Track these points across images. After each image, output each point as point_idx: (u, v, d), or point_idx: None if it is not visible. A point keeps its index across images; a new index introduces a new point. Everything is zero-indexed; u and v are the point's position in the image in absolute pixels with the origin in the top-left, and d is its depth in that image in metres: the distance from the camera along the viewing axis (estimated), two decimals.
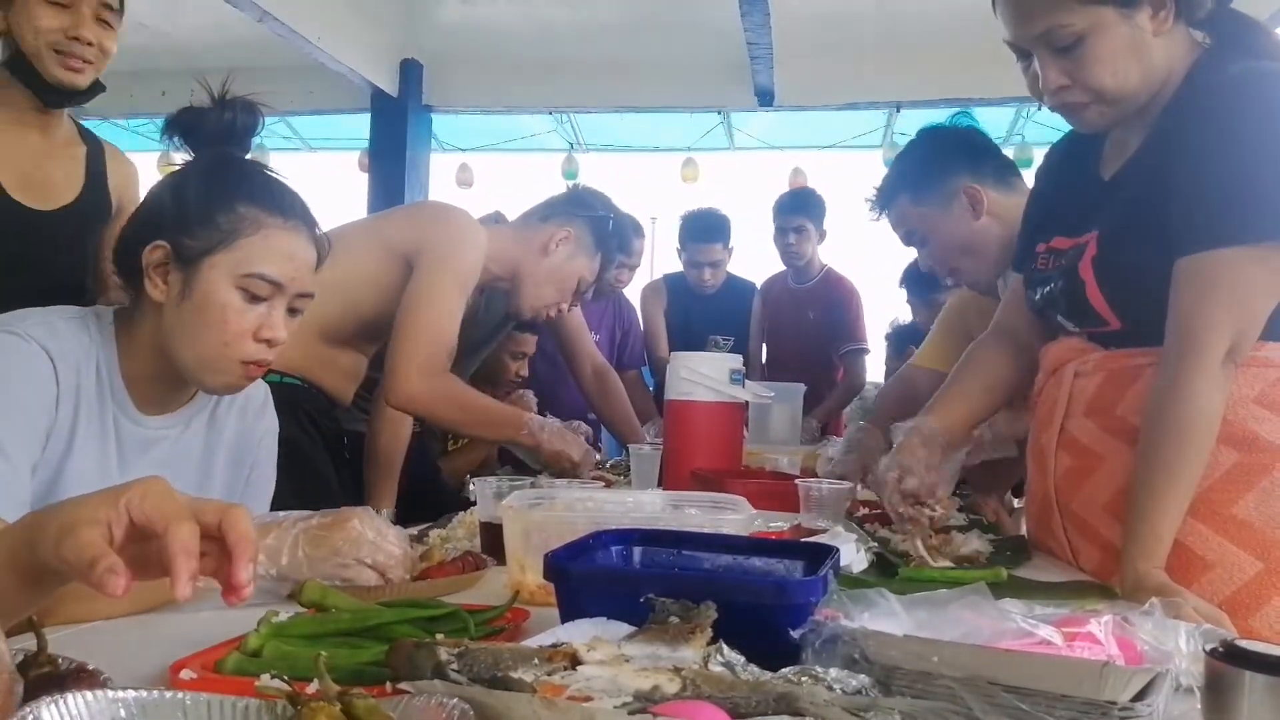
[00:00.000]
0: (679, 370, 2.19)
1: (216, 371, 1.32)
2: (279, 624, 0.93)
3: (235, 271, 1.30)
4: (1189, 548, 1.37)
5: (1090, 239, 1.49)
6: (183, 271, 1.30)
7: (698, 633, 0.80)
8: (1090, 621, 0.87)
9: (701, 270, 4.06)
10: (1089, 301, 1.49)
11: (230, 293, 1.30)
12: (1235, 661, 0.73)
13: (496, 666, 0.72)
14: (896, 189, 2.13)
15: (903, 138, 5.81)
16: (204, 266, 1.29)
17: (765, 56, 4.70)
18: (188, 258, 1.29)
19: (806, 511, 1.75)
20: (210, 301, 1.29)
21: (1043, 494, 1.61)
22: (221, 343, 1.30)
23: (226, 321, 1.30)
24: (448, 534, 1.63)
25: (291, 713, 0.64)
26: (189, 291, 1.29)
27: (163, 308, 1.31)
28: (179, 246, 1.30)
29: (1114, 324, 1.48)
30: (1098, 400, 1.50)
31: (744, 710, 0.68)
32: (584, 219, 2.50)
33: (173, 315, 1.30)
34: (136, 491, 0.73)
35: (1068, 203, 1.61)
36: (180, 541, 0.70)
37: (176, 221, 1.31)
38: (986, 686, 0.72)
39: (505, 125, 6.54)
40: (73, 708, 0.63)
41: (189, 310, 1.30)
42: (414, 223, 2.27)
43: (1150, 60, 1.41)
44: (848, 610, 0.89)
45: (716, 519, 1.25)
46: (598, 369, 3.12)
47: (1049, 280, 1.59)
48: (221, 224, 1.30)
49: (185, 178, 1.36)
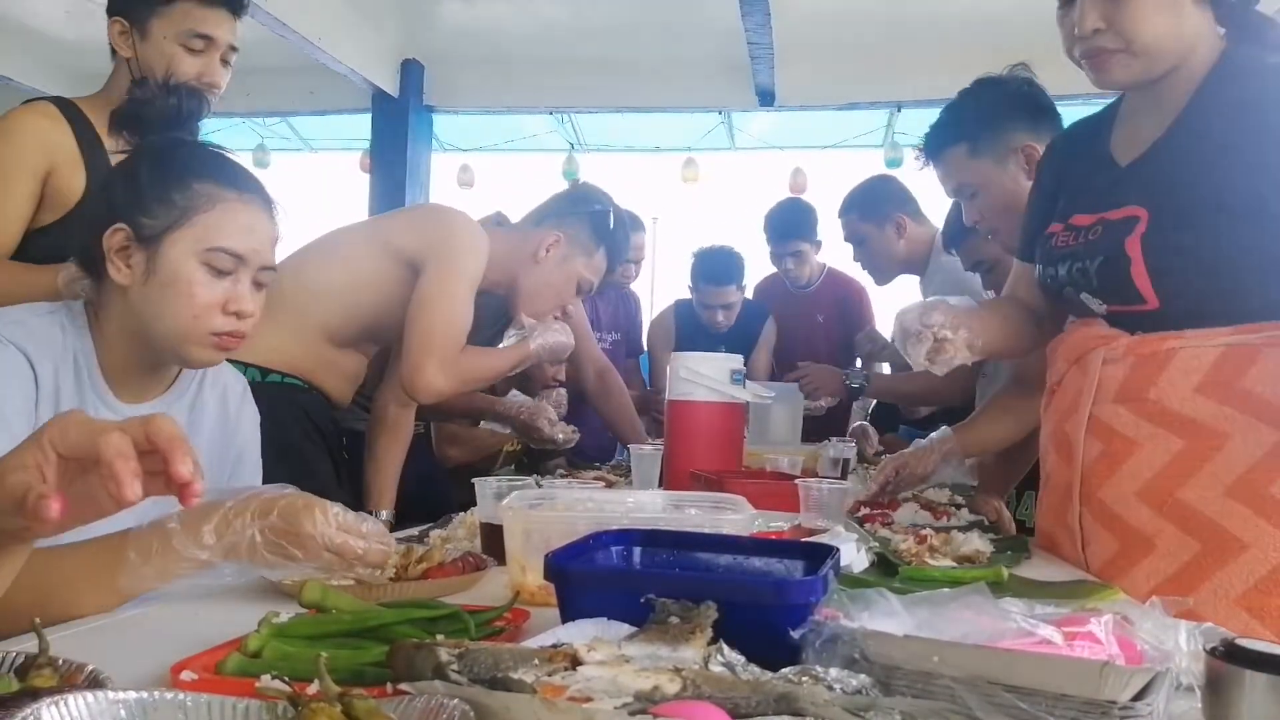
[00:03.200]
0: (679, 370, 2.19)
1: (192, 344, 1.35)
2: (279, 625, 0.93)
3: (197, 247, 1.32)
4: (1225, 529, 1.37)
5: (1136, 214, 1.46)
6: (145, 251, 1.32)
7: (698, 633, 0.80)
8: (1090, 621, 0.87)
9: (715, 312, 3.89)
10: (1130, 279, 1.46)
11: (195, 268, 1.33)
12: (1235, 660, 0.73)
13: (497, 667, 0.72)
14: (953, 138, 2.10)
15: (903, 137, 5.83)
16: (165, 244, 1.32)
17: (766, 56, 4.70)
18: (148, 237, 1.32)
19: (806, 511, 1.75)
20: (176, 276, 1.32)
21: (1065, 483, 1.59)
22: (191, 315, 1.32)
23: (194, 295, 1.32)
24: (448, 534, 1.63)
25: (292, 714, 0.64)
26: (154, 269, 1.32)
27: (129, 290, 1.33)
28: (138, 227, 1.31)
29: (1151, 303, 1.46)
30: (1129, 386, 1.49)
31: (744, 710, 0.68)
32: (578, 218, 2.50)
33: (140, 295, 1.32)
34: (56, 428, 0.76)
35: (1082, 185, 1.60)
36: (113, 448, 0.72)
37: (132, 203, 1.33)
38: (987, 686, 0.72)
39: (506, 125, 6.54)
40: (73, 709, 0.63)
41: (155, 287, 1.32)
42: (416, 226, 2.27)
43: (1184, 24, 1.42)
44: (848, 610, 0.89)
45: (717, 519, 1.25)
46: (600, 370, 3.12)
47: (1076, 256, 1.55)
48: (178, 201, 1.33)
49: (137, 161, 1.38)
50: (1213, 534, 1.37)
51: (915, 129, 5.82)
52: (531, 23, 5.00)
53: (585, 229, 2.51)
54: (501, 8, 4.90)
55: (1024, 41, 2.26)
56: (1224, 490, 1.38)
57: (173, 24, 1.91)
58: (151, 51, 1.91)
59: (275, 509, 1.14)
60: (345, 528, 1.16)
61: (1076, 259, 1.55)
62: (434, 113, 5.67)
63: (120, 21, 1.94)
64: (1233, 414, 1.39)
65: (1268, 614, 1.34)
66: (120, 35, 1.94)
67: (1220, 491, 1.38)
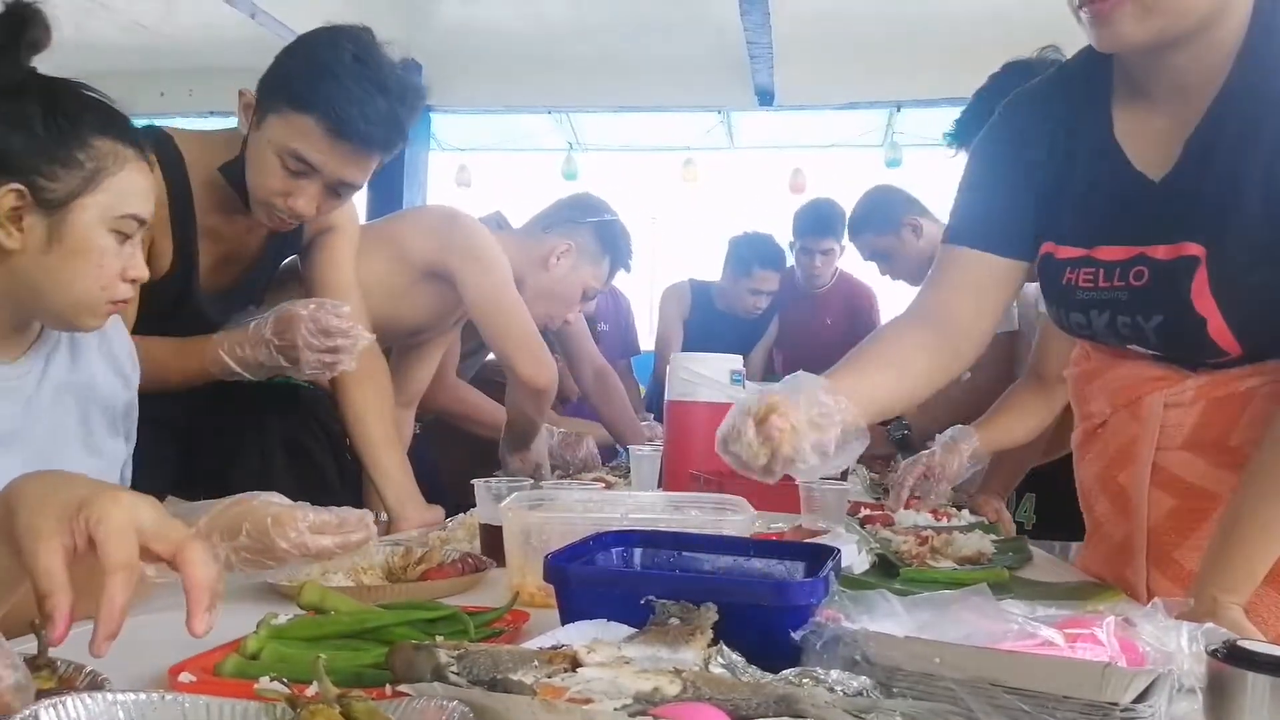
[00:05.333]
0: (679, 371, 2.19)
1: (90, 314, 1.25)
2: (278, 626, 0.92)
3: (108, 214, 1.21)
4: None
5: (1193, 253, 1.18)
6: (46, 216, 1.19)
7: (698, 634, 0.80)
8: (1092, 623, 0.87)
9: (759, 298, 3.90)
10: (1209, 338, 1.20)
11: (105, 236, 1.22)
12: (1237, 662, 0.73)
13: (496, 669, 0.72)
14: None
15: (902, 137, 5.82)
16: (73, 210, 1.19)
17: (765, 56, 4.70)
18: (50, 201, 1.18)
19: (807, 513, 1.75)
20: (88, 246, 1.21)
21: (1124, 536, 1.38)
22: (99, 286, 1.23)
23: (103, 266, 1.22)
24: (447, 536, 1.63)
25: (291, 715, 0.64)
26: (58, 237, 1.19)
27: (18, 256, 1.19)
28: (37, 189, 1.17)
29: (1235, 353, 1.22)
30: (1204, 432, 1.28)
31: (745, 712, 0.68)
32: (587, 226, 2.53)
33: (37, 263, 1.20)
34: (96, 512, 0.75)
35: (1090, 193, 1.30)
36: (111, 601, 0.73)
37: (26, 161, 1.18)
38: (988, 688, 0.72)
39: (504, 125, 6.53)
40: (72, 711, 0.63)
41: (61, 256, 1.20)
42: (434, 233, 2.27)
43: None
44: (849, 611, 0.89)
45: (717, 520, 1.25)
46: (598, 370, 3.13)
47: (1118, 307, 1.27)
48: (83, 162, 1.19)
49: (19, 108, 1.20)
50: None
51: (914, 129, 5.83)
52: (530, 22, 5.00)
53: (593, 238, 2.55)
54: (500, 7, 4.89)
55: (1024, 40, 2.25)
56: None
57: (283, 133, 1.66)
58: (255, 144, 1.70)
59: (242, 528, 1.09)
60: (319, 528, 1.11)
61: (1119, 310, 1.27)
62: (432, 112, 5.67)
63: (249, 95, 1.71)
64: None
65: None
66: (245, 109, 1.72)
67: None
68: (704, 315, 3.99)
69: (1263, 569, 1.14)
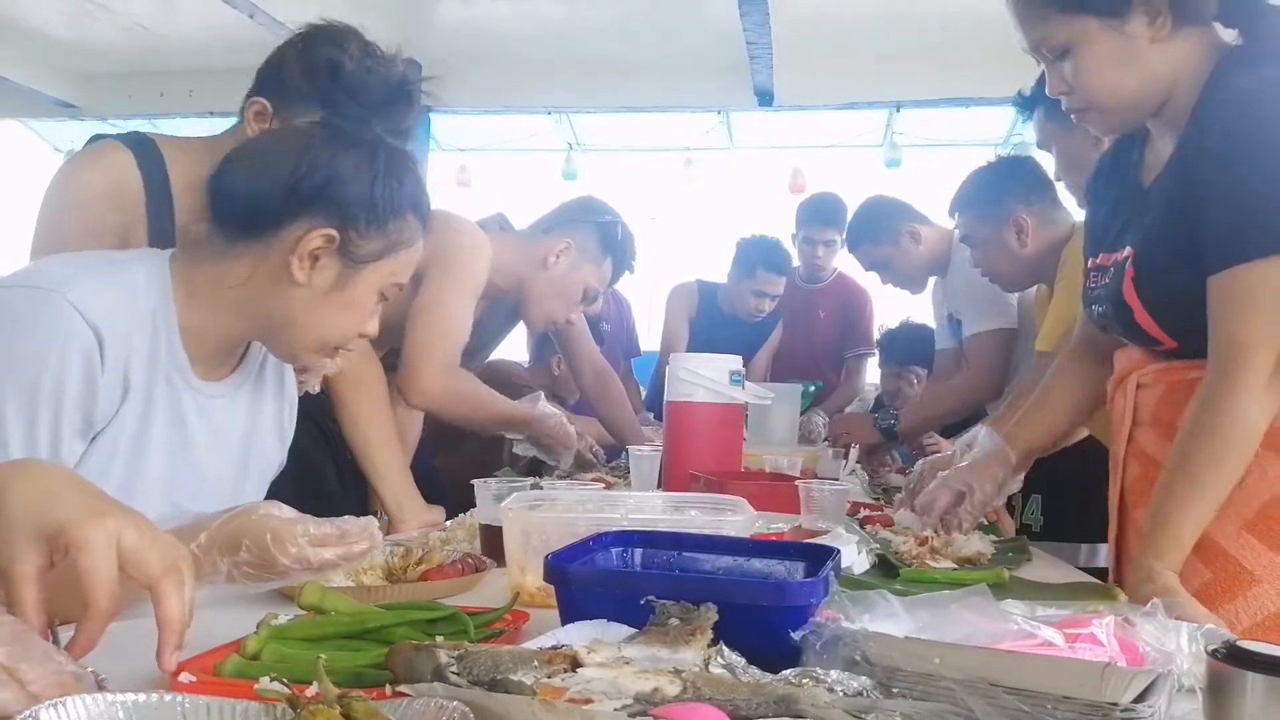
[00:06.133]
0: (678, 371, 2.19)
1: (319, 355, 1.32)
2: (278, 627, 0.92)
3: (386, 280, 1.29)
4: (1239, 561, 1.36)
5: (1126, 257, 1.46)
6: (339, 266, 1.24)
7: (698, 635, 0.80)
8: (1092, 623, 0.87)
9: (764, 300, 3.87)
10: (1140, 326, 1.46)
11: (374, 297, 1.29)
12: (1237, 662, 0.73)
13: (496, 669, 0.72)
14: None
15: (901, 137, 5.83)
16: (366, 271, 1.26)
17: (765, 56, 4.70)
18: (351, 257, 1.24)
19: (807, 513, 1.75)
20: (360, 304, 1.28)
21: (1116, 499, 1.59)
22: (347, 336, 1.30)
23: (359, 321, 1.30)
24: (447, 536, 1.63)
25: (291, 716, 0.64)
26: (343, 286, 1.25)
27: (297, 289, 1.24)
28: (347, 241, 1.23)
29: (1169, 344, 1.45)
30: (1161, 411, 1.48)
31: (744, 712, 0.68)
32: (587, 226, 2.53)
33: (310, 300, 1.25)
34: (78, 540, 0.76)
35: (1109, 215, 1.57)
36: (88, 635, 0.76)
37: (351, 213, 1.23)
38: (988, 688, 0.72)
39: (504, 125, 6.54)
40: (72, 711, 0.63)
41: (336, 304, 1.26)
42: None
43: (1147, 68, 1.38)
44: (849, 612, 0.89)
45: (717, 521, 1.25)
46: (598, 371, 3.12)
47: (1099, 300, 1.54)
48: (391, 232, 1.26)
49: (370, 164, 1.26)
50: (1225, 565, 1.36)
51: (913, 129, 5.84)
52: (530, 22, 5.00)
53: (594, 238, 2.53)
54: (500, 7, 4.90)
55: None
56: (1242, 524, 1.36)
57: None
58: None
59: (242, 545, 1.09)
60: (320, 541, 1.10)
61: (1099, 303, 1.54)
62: (432, 112, 5.66)
63: (261, 104, 1.67)
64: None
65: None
66: (257, 117, 1.68)
67: (1238, 525, 1.37)
68: (709, 316, 3.98)
69: (1189, 537, 1.31)
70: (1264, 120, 1.31)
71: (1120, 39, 1.37)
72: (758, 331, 3.98)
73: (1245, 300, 1.30)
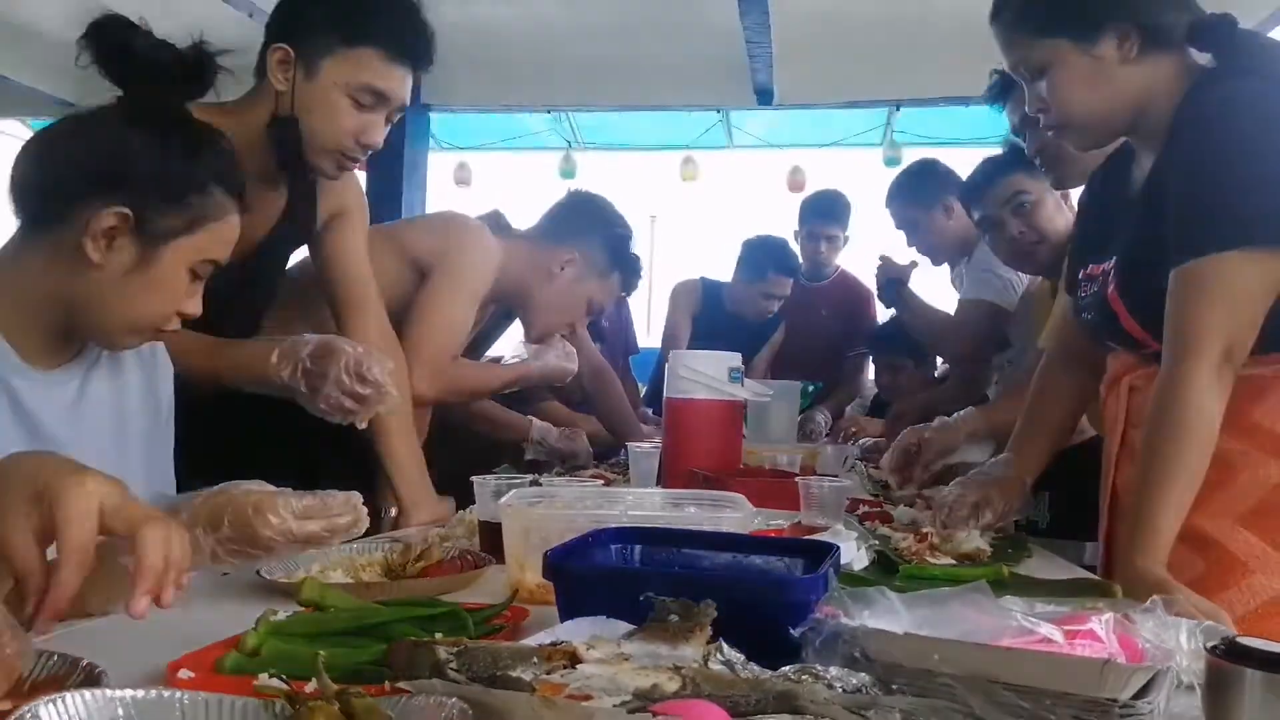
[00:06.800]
0: (678, 368, 2.19)
1: (136, 338, 1.28)
2: (277, 623, 0.92)
3: (194, 257, 1.24)
4: (1232, 552, 1.40)
5: (1112, 266, 1.52)
6: (139, 245, 1.20)
7: (697, 631, 0.80)
8: (1091, 619, 0.87)
9: (773, 302, 3.88)
10: (1125, 330, 1.51)
11: (183, 276, 1.24)
12: (1236, 659, 0.73)
13: (495, 665, 0.72)
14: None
15: (901, 136, 5.82)
16: (168, 249, 1.21)
17: (764, 55, 4.69)
18: (151, 234, 1.20)
19: (807, 510, 1.75)
20: (165, 283, 1.23)
21: (1108, 498, 1.64)
22: (161, 317, 1.25)
23: (170, 301, 1.25)
24: (447, 533, 1.63)
25: (290, 712, 0.64)
26: (143, 267, 1.21)
27: (96, 271, 1.20)
28: (143, 219, 1.19)
29: (1155, 346, 1.48)
30: None
31: (744, 709, 0.68)
32: (595, 239, 2.51)
33: (110, 282, 1.21)
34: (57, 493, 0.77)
35: (1098, 228, 1.64)
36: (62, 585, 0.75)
37: (142, 189, 1.19)
38: (987, 685, 0.72)
39: (503, 124, 6.52)
40: (71, 707, 0.63)
41: (138, 284, 1.21)
42: (431, 232, 2.29)
43: (1118, 88, 1.46)
44: (848, 608, 0.89)
45: (716, 517, 1.25)
46: (596, 369, 3.12)
47: (1089, 309, 1.61)
48: (194, 206, 1.22)
49: (162, 137, 1.23)
50: (1219, 556, 1.40)
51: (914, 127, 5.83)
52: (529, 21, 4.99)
53: (602, 251, 2.52)
54: (499, 6, 4.89)
55: None
56: (1236, 519, 1.41)
57: (348, 71, 1.68)
58: (314, 94, 1.68)
59: (224, 519, 1.08)
60: (307, 513, 1.10)
61: (1089, 311, 1.61)
62: (431, 111, 5.65)
63: (284, 50, 1.68)
64: (1245, 449, 1.40)
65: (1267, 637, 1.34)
66: (280, 64, 1.69)
67: (1233, 520, 1.41)
68: (712, 315, 3.97)
69: (1167, 529, 1.33)
70: (1232, 125, 1.37)
71: (1091, 61, 1.46)
72: (760, 331, 3.98)
73: (1197, 293, 1.36)
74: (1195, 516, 1.40)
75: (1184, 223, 1.38)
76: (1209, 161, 1.37)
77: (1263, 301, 1.35)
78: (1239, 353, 1.35)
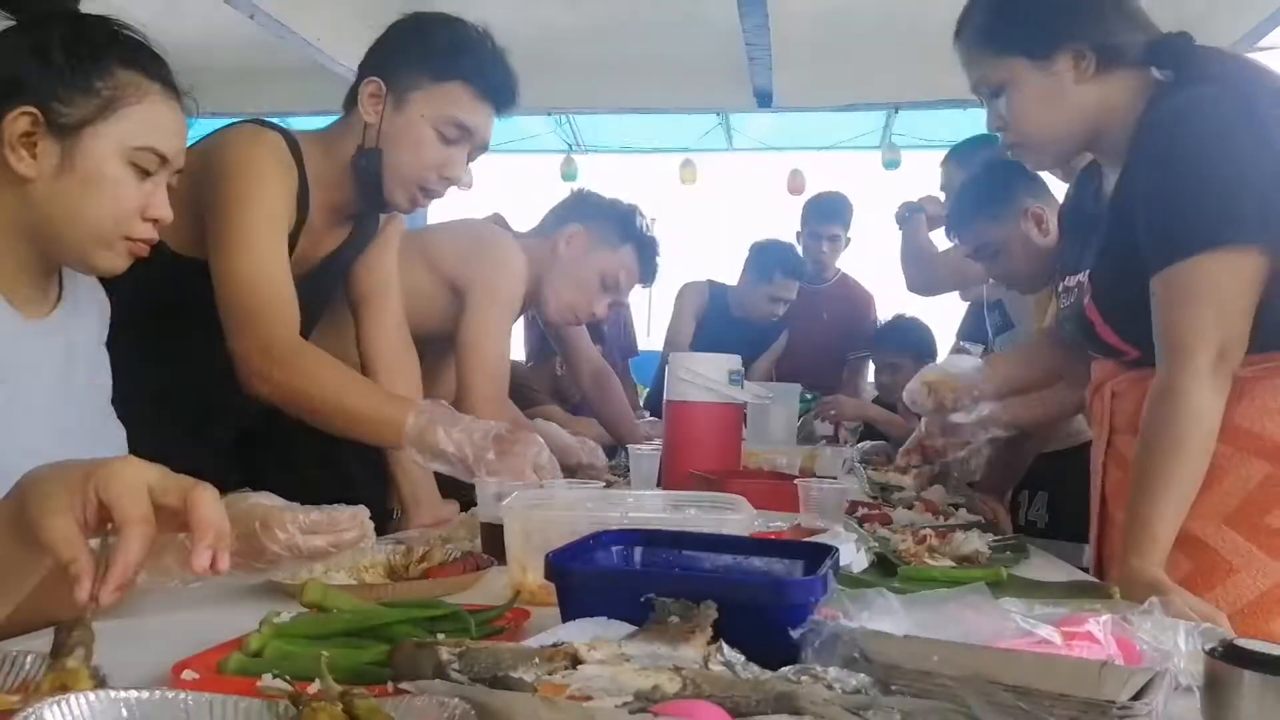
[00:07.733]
0: (678, 371, 2.19)
1: (106, 249, 1.21)
2: (280, 624, 0.93)
3: (125, 144, 1.18)
4: (1217, 552, 1.42)
5: (1086, 278, 1.56)
6: (58, 141, 1.15)
7: (698, 632, 0.81)
8: (1089, 621, 0.87)
9: (779, 305, 3.89)
10: (1102, 339, 1.55)
11: (121, 167, 1.18)
12: (1234, 661, 0.74)
13: (497, 666, 0.73)
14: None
15: (901, 138, 5.82)
16: (85, 136, 1.16)
17: (764, 57, 4.69)
18: (64, 126, 1.15)
19: (806, 511, 1.75)
20: (100, 174, 1.17)
21: (1098, 502, 1.66)
22: (113, 219, 1.19)
23: (118, 198, 1.18)
24: (448, 534, 1.64)
25: (293, 713, 0.65)
26: (70, 164, 1.16)
27: (33, 184, 1.15)
28: (51, 113, 1.14)
29: (1132, 353, 1.52)
30: (1135, 418, 1.52)
31: (744, 709, 0.68)
32: (601, 215, 2.49)
33: (49, 190, 1.16)
34: (103, 476, 0.76)
35: (1072, 242, 1.67)
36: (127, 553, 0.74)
37: (43, 84, 1.14)
38: (986, 686, 0.72)
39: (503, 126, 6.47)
40: (75, 708, 0.63)
41: (73, 184, 1.16)
42: (461, 251, 2.27)
43: (1075, 105, 1.49)
44: (847, 610, 0.89)
45: (716, 519, 1.25)
46: (596, 371, 3.12)
47: (1068, 320, 1.63)
48: (100, 89, 1.16)
49: (45, 33, 1.17)
50: (1205, 556, 1.42)
51: (913, 130, 5.83)
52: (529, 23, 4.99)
53: (609, 224, 2.48)
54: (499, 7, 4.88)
55: None
56: (1222, 519, 1.42)
57: (435, 104, 1.71)
58: (400, 126, 1.70)
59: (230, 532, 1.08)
60: (310, 528, 1.08)
61: (1068, 322, 1.64)
62: None
63: (377, 83, 1.72)
64: (1228, 450, 1.41)
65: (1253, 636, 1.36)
66: (371, 97, 1.72)
67: (1219, 520, 1.43)
68: (717, 318, 3.97)
69: (1164, 532, 1.35)
70: (1192, 130, 1.39)
71: (1048, 79, 1.50)
72: (764, 336, 3.98)
73: (1183, 296, 1.37)
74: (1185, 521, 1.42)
75: (1157, 229, 1.40)
76: (1175, 166, 1.39)
77: (1247, 298, 1.36)
78: (1234, 352, 1.36)
